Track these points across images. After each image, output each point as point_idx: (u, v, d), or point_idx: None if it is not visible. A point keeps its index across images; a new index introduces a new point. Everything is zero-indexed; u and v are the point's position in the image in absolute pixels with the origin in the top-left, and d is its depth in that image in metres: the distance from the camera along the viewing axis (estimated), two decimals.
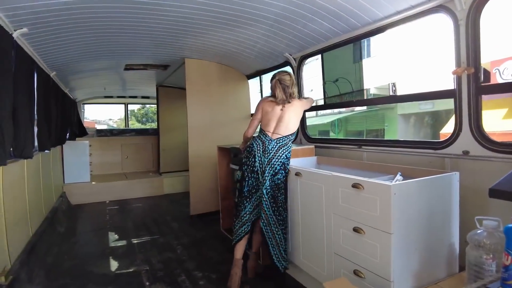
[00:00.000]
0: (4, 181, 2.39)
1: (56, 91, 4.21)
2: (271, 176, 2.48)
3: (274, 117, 2.62)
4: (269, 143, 2.55)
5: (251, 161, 2.56)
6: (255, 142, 2.60)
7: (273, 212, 2.48)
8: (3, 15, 2.16)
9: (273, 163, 2.50)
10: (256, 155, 2.55)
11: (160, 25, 2.92)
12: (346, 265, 1.95)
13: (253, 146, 2.59)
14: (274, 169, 2.48)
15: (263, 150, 2.54)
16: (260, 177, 2.51)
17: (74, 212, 5.01)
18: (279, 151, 2.54)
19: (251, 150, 2.58)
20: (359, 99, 10.87)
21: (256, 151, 2.56)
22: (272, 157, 2.51)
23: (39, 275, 2.70)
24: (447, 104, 10.88)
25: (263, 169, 2.50)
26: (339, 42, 2.87)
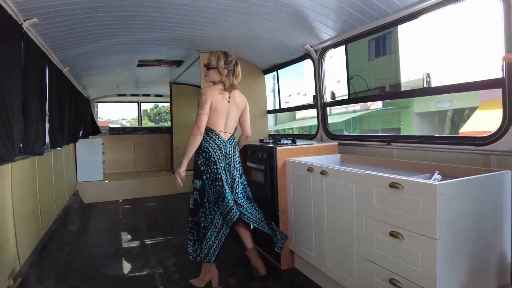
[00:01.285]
0: (13, 179, 2.29)
1: (69, 87, 4.13)
2: (241, 180, 2.49)
3: (224, 112, 2.36)
4: (224, 146, 2.36)
5: (213, 168, 2.31)
6: (210, 146, 2.31)
7: (255, 210, 2.49)
8: (12, 3, 2.04)
9: (237, 167, 2.45)
10: (217, 162, 2.32)
11: (174, 16, 2.77)
12: (381, 273, 1.76)
13: (209, 151, 2.31)
14: (240, 172, 2.50)
15: (222, 155, 2.34)
16: (226, 185, 2.31)
17: (86, 211, 4.93)
18: (235, 153, 2.44)
19: (209, 156, 2.31)
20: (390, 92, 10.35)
21: (215, 157, 2.31)
22: (234, 161, 2.42)
23: (50, 277, 2.59)
24: (468, 102, 10.52)
25: (229, 176, 2.38)
26: (365, 31, 2.67)
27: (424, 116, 12.70)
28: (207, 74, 2.38)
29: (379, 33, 2.74)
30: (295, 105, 3.98)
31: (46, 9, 2.26)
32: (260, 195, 2.90)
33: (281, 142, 2.91)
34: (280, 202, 2.66)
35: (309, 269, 2.52)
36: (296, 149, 2.72)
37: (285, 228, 2.67)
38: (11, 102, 1.94)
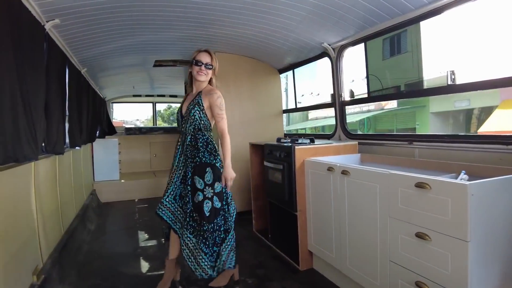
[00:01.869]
0: (36, 177, 2.32)
1: (87, 88, 4.19)
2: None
3: None
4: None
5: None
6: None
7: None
8: (36, 4, 2.08)
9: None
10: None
11: (191, 15, 2.78)
12: (406, 275, 1.72)
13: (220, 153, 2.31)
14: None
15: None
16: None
17: (103, 210, 4.99)
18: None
19: (220, 158, 2.32)
20: (412, 90, 10.06)
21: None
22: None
23: (71, 275, 2.62)
24: (486, 101, 10.24)
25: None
26: (385, 28, 2.61)
27: (441, 115, 12.43)
28: (206, 73, 2.23)
29: (397, 30, 2.67)
30: (312, 104, 3.91)
31: (68, 9, 2.30)
32: (278, 195, 2.87)
33: (298, 141, 2.87)
34: (299, 202, 2.63)
35: (329, 270, 2.48)
36: (314, 148, 2.68)
37: (304, 228, 2.64)
38: (35, 102, 1.97)
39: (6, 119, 1.59)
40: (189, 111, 2.21)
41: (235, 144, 4.07)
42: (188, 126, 2.22)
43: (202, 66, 2.20)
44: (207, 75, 2.24)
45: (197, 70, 2.20)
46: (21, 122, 1.73)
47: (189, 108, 2.22)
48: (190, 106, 2.22)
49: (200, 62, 2.20)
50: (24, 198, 2.09)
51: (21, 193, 2.04)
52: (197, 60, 2.21)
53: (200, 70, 2.20)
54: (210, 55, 2.24)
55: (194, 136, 2.24)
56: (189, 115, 2.21)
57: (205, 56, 2.22)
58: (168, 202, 2.31)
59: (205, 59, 2.21)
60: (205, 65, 2.20)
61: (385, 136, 2.82)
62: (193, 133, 2.23)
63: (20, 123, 1.73)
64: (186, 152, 2.24)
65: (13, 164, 1.77)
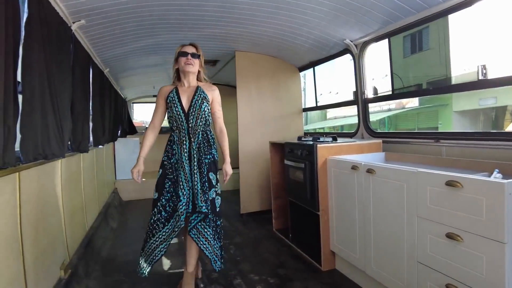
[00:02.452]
0: (63, 174, 2.38)
1: (109, 88, 4.27)
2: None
3: None
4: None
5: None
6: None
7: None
8: (63, 6, 2.13)
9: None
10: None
11: (212, 13, 2.79)
12: (435, 277, 1.66)
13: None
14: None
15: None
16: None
17: (125, 208, 5.08)
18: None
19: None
20: (439, 86, 9.73)
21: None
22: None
23: (95, 270, 2.67)
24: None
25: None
26: (411, 23, 2.53)
27: (465, 114, 12.03)
28: (194, 63, 2.16)
29: (420, 26, 2.58)
30: (333, 102, 3.85)
31: (93, 10, 2.34)
32: (299, 194, 2.84)
33: (320, 139, 2.83)
34: (321, 201, 2.58)
35: (352, 270, 2.43)
36: (337, 146, 2.63)
37: (326, 228, 2.59)
38: (62, 101, 2.02)
39: (36, 118, 1.63)
40: (198, 106, 2.13)
41: (255, 142, 4.10)
42: (198, 122, 2.14)
43: (188, 56, 2.13)
44: (195, 65, 2.16)
45: (184, 61, 2.12)
46: (49, 121, 1.78)
47: (196, 103, 2.14)
48: (197, 101, 2.14)
49: (186, 52, 2.13)
50: (52, 194, 2.15)
51: (49, 189, 2.09)
52: (182, 52, 2.15)
53: (187, 59, 2.12)
54: (195, 47, 2.18)
55: (205, 132, 2.19)
56: (200, 110, 2.13)
57: (190, 48, 2.16)
58: (183, 211, 2.11)
59: (190, 50, 2.15)
60: (191, 54, 2.13)
61: (410, 134, 2.73)
62: (204, 129, 2.18)
63: (49, 122, 1.78)
64: (200, 148, 2.15)
65: (42, 161, 1.82)
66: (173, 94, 2.16)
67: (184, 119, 2.13)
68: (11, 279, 1.46)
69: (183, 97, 2.15)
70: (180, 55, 2.14)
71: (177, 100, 2.14)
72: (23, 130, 1.52)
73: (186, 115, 2.12)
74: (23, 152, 1.53)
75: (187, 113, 2.13)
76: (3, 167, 1.28)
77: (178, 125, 2.15)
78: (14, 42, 1.35)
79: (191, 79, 2.20)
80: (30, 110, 1.58)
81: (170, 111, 2.16)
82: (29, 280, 1.64)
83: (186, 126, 2.13)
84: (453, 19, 10.61)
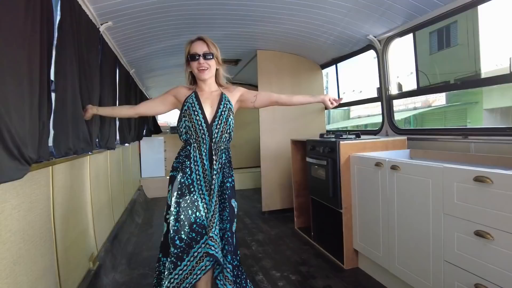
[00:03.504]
0: (91, 170, 2.48)
1: (134, 88, 4.40)
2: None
3: None
4: None
5: None
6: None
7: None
8: (92, 8, 2.22)
9: None
10: None
11: (234, 14, 2.82)
12: (463, 276, 1.60)
13: None
14: None
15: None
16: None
17: (150, 205, 5.22)
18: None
19: None
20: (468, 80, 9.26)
21: None
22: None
23: (122, 263, 2.76)
24: None
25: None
26: (437, 16, 2.45)
27: (496, 112, 11.48)
28: (209, 66, 1.71)
29: (447, 20, 2.49)
30: (356, 99, 3.79)
31: (120, 11, 2.42)
32: (321, 191, 2.82)
33: (343, 136, 2.80)
34: (344, 199, 2.56)
35: (375, 269, 2.39)
36: (361, 143, 2.60)
37: (349, 226, 2.56)
38: (91, 99, 2.11)
39: (67, 115, 1.72)
40: (224, 119, 1.72)
41: (276, 141, 4.11)
42: (223, 138, 1.74)
43: (200, 59, 1.68)
44: (210, 68, 1.72)
45: (197, 67, 1.69)
46: (79, 118, 1.86)
47: (222, 114, 1.73)
48: (224, 113, 1.73)
49: (197, 54, 1.68)
50: (81, 189, 2.24)
51: (79, 184, 2.18)
52: (192, 54, 1.70)
53: (200, 65, 1.69)
54: (205, 42, 1.71)
55: (227, 150, 1.79)
56: (225, 124, 1.73)
57: (200, 45, 1.70)
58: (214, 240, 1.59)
59: (201, 49, 1.69)
60: (203, 56, 1.68)
61: (436, 130, 2.64)
62: (227, 146, 1.79)
63: (79, 119, 1.86)
64: (224, 170, 1.73)
65: (73, 157, 1.90)
66: (193, 100, 1.73)
67: (206, 131, 1.70)
68: (45, 267, 1.54)
69: (206, 105, 1.73)
70: (190, 59, 1.71)
71: (198, 107, 1.71)
72: (55, 126, 1.60)
73: (209, 127, 1.70)
74: (56, 147, 1.62)
75: (210, 124, 1.71)
76: (38, 161, 1.36)
77: (198, 138, 1.71)
78: (48, 43, 1.43)
79: (210, 82, 1.78)
80: (62, 107, 1.67)
81: (187, 120, 1.71)
82: (61, 269, 1.72)
83: (208, 140, 1.71)
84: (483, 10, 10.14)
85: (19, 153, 1.10)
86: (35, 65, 1.28)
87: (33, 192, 1.45)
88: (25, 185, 1.36)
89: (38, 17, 1.31)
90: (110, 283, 2.35)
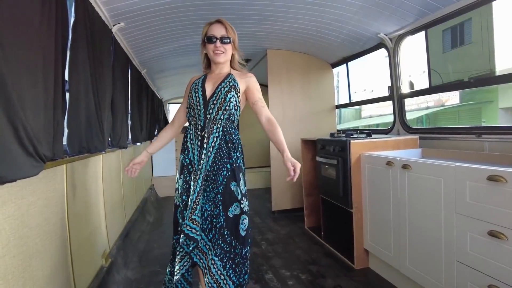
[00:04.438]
0: (104, 168, 2.52)
1: (146, 88, 4.46)
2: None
3: None
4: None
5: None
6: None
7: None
8: (105, 9, 2.26)
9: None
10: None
11: (244, 13, 2.83)
12: (476, 277, 1.58)
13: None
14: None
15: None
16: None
17: (161, 204, 5.28)
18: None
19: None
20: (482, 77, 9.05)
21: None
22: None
23: (133, 261, 2.80)
24: None
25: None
26: (450, 12, 2.41)
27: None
28: (225, 50, 1.69)
29: (461, 16, 2.44)
30: (367, 98, 3.76)
31: (132, 13, 2.46)
32: (332, 191, 2.81)
33: (354, 135, 2.78)
34: (354, 198, 2.54)
35: (386, 269, 2.37)
36: (372, 143, 2.58)
37: (359, 226, 2.55)
38: (103, 99, 2.15)
39: (81, 114, 1.76)
40: (222, 95, 1.66)
41: (286, 140, 4.03)
42: (219, 114, 1.66)
43: (217, 42, 1.66)
44: (226, 52, 1.69)
45: (213, 49, 1.67)
46: (92, 117, 1.90)
47: (221, 90, 1.67)
48: (223, 89, 1.67)
49: (214, 37, 1.66)
50: (94, 187, 2.28)
51: (91, 182, 2.23)
52: (209, 36, 1.67)
53: (216, 48, 1.67)
54: (224, 25, 1.69)
55: (227, 130, 1.68)
56: (224, 100, 1.66)
57: (218, 28, 1.68)
58: (196, 222, 1.57)
59: (219, 32, 1.67)
60: (220, 39, 1.67)
61: (449, 129, 2.60)
62: (226, 124, 1.68)
63: (92, 118, 1.90)
64: (219, 149, 1.66)
65: (86, 155, 1.95)
66: (199, 81, 1.75)
67: (202, 107, 1.67)
68: (59, 262, 1.58)
69: (208, 84, 1.72)
70: (207, 41, 1.68)
71: (200, 86, 1.72)
72: (69, 125, 1.65)
73: (206, 103, 1.67)
74: (70, 145, 1.66)
75: (208, 100, 1.67)
76: (53, 159, 1.39)
77: (195, 115, 1.70)
78: (63, 44, 1.46)
79: (223, 66, 1.76)
80: (76, 106, 1.71)
81: (189, 99, 1.73)
82: (75, 265, 1.76)
83: (203, 117, 1.67)
84: (497, 6, 9.91)
85: (34, 150, 1.13)
86: (50, 65, 1.31)
87: (48, 189, 1.49)
88: (40, 182, 1.40)
89: (53, 19, 1.34)
90: (121, 280, 2.38)
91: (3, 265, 1.09)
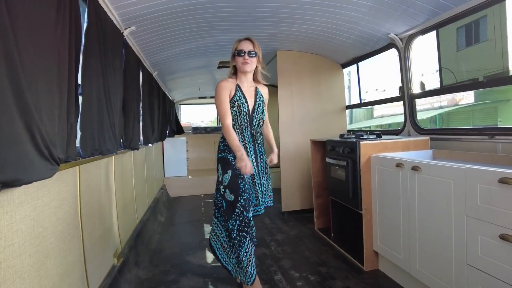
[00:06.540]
0: (116, 169, 2.57)
1: (157, 90, 4.52)
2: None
3: None
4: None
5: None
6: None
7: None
8: (117, 14, 2.31)
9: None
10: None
11: (255, 15, 2.85)
12: (487, 281, 1.56)
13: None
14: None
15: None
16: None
17: (172, 204, 5.34)
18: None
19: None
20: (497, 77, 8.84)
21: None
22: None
23: (144, 260, 2.85)
24: None
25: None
26: (462, 12, 2.38)
27: None
28: (251, 62, 2.13)
29: (475, 14, 2.39)
30: (378, 99, 3.73)
31: (143, 16, 2.50)
32: (341, 192, 2.80)
33: (364, 137, 2.77)
34: (364, 200, 2.53)
35: (395, 271, 2.35)
36: (382, 144, 2.56)
37: (369, 227, 2.53)
38: (115, 101, 2.20)
39: (93, 117, 1.80)
40: (261, 110, 2.23)
41: (296, 141, 4.10)
42: (260, 124, 2.26)
43: (245, 55, 2.10)
44: (252, 63, 2.13)
45: (242, 61, 2.10)
46: (104, 120, 1.95)
47: (259, 106, 2.22)
48: (260, 105, 2.22)
49: (243, 51, 2.10)
50: (106, 188, 2.34)
51: (104, 183, 2.28)
52: (239, 50, 2.11)
53: (244, 60, 2.09)
54: (252, 42, 2.13)
55: (261, 134, 2.37)
56: (262, 114, 2.24)
57: (247, 44, 2.12)
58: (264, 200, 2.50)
59: (247, 47, 2.11)
60: (248, 53, 2.10)
61: (461, 130, 2.56)
62: (261, 130, 2.34)
63: (104, 120, 1.94)
64: (262, 154, 2.33)
65: (98, 157, 1.99)
66: (239, 93, 2.15)
67: (248, 120, 2.18)
68: (73, 262, 1.62)
69: (248, 98, 2.18)
70: (237, 54, 2.11)
71: (244, 100, 2.15)
72: (82, 128, 1.69)
73: (251, 116, 2.19)
74: (82, 148, 1.70)
75: (251, 114, 2.19)
76: (66, 160, 1.43)
77: (242, 125, 2.19)
78: (76, 49, 1.51)
79: (249, 77, 2.20)
80: (88, 109, 1.75)
81: (236, 110, 2.14)
82: (88, 264, 1.81)
83: (249, 127, 2.21)
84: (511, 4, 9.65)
85: (49, 154, 1.17)
86: (64, 70, 1.35)
87: (62, 190, 1.54)
88: (55, 184, 1.44)
89: (67, 24, 1.38)
90: (133, 279, 2.43)
91: (19, 263, 1.13)
